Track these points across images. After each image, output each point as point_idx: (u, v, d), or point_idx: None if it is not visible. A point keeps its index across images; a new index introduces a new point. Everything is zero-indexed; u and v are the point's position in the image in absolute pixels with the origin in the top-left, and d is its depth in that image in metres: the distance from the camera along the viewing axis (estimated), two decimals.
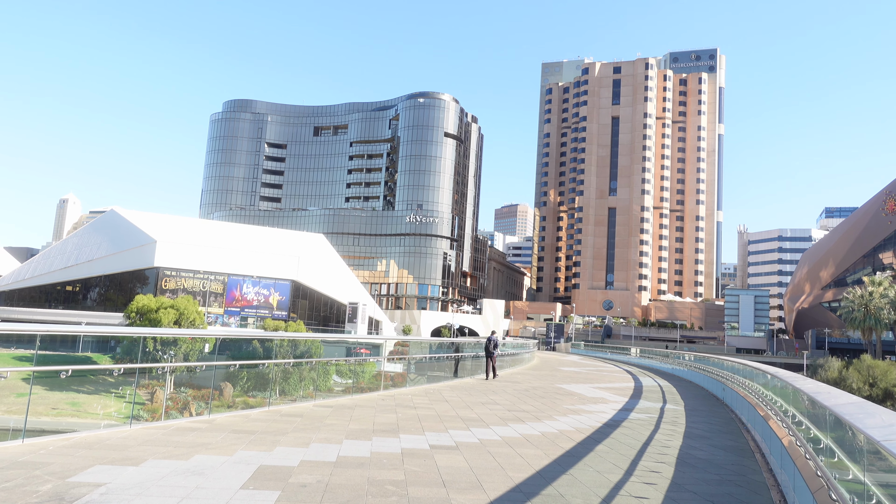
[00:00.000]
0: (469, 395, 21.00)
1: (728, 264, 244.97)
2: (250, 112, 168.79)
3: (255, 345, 17.27)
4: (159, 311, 36.46)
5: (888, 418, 5.79)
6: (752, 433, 15.99)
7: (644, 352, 64.27)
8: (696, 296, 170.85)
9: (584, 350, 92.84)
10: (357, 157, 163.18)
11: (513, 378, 30.70)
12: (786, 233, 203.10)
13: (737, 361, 24.02)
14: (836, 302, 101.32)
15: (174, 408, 18.58)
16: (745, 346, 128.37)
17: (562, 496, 8.51)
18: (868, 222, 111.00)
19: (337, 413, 14.77)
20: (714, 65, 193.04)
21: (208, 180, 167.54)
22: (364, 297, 76.87)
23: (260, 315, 67.59)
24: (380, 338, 46.79)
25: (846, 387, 54.23)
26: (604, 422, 16.69)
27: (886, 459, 4.41)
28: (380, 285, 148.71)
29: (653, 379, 37.42)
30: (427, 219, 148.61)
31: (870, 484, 5.25)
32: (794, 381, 11.06)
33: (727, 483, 10.14)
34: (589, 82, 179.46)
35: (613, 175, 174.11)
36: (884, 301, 74.29)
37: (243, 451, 9.86)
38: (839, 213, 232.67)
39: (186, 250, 64.62)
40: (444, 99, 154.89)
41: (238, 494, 7.54)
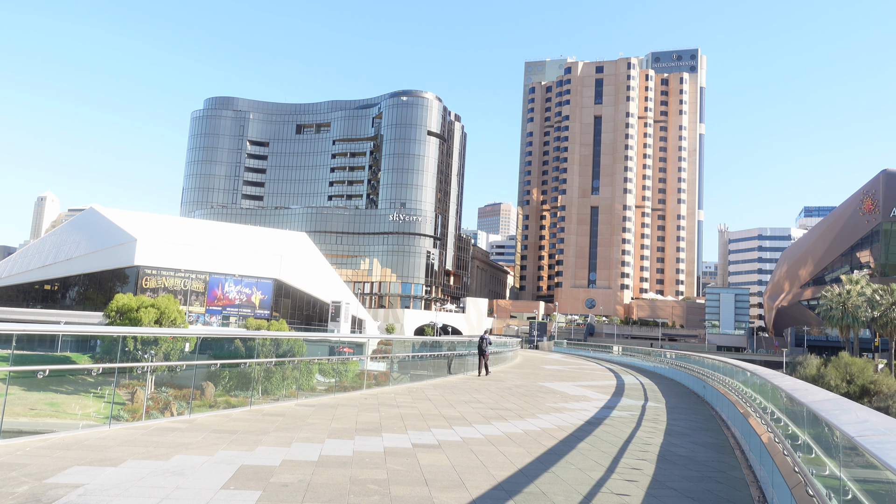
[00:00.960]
0: (452, 394, 21.01)
1: (709, 263, 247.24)
2: (232, 109, 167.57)
3: (237, 344, 17.16)
4: (140, 310, 36.08)
5: (863, 414, 5.88)
6: (733, 430, 16.15)
7: (626, 350, 64.68)
8: (678, 294, 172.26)
9: (566, 348, 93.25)
10: (340, 156, 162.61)
11: (496, 376, 30.77)
12: (765, 232, 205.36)
13: (717, 359, 24.25)
14: (815, 300, 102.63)
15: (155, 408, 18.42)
16: (726, 343, 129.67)
17: (544, 494, 8.54)
18: (846, 221, 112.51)
19: (319, 412, 14.72)
20: (695, 65, 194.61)
21: (189, 178, 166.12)
22: (347, 296, 76.63)
23: (242, 314, 67.16)
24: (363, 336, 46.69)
25: (824, 384, 54.95)
26: (586, 419, 16.78)
27: (861, 455, 4.48)
28: (363, 284, 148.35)
29: (635, 377, 37.68)
30: (410, 217, 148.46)
31: (846, 479, 5.33)
32: (773, 379, 11.19)
33: (707, 479, 10.24)
34: (572, 81, 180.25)
35: (596, 174, 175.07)
36: (861, 299, 75.29)
37: (224, 450, 9.80)
38: (818, 212, 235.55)
39: (167, 249, 64.03)
40: (427, 97, 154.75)
41: (218, 495, 7.49)
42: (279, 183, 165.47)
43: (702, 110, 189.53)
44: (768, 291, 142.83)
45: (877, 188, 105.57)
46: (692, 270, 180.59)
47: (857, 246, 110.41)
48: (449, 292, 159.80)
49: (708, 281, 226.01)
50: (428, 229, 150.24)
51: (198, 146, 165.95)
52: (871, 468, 4.41)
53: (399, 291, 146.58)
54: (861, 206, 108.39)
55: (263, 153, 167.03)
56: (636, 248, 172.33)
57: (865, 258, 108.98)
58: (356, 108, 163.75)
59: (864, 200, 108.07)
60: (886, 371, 66.38)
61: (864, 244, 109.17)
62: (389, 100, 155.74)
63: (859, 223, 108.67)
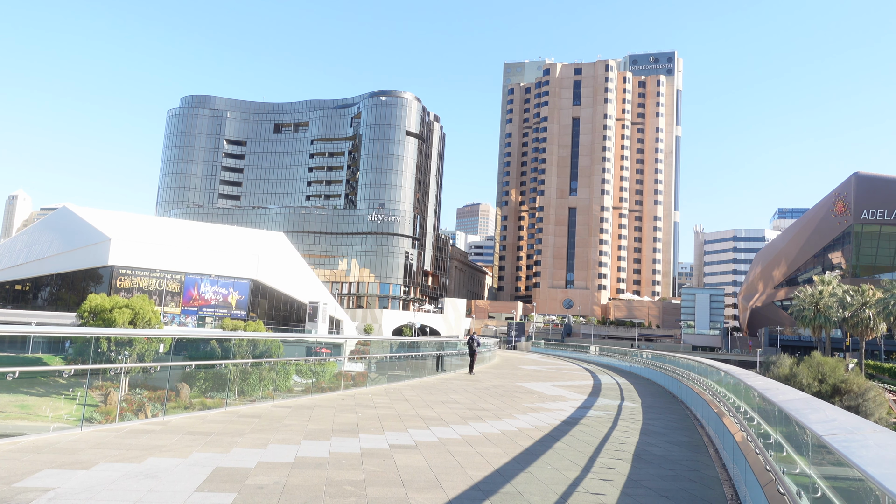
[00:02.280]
0: (430, 395, 21.01)
1: (685, 264, 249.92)
2: (209, 108, 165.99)
3: (212, 345, 16.99)
4: (113, 310, 35.61)
5: (831, 413, 5.98)
6: (707, 429, 16.33)
7: (603, 350, 65.11)
8: (654, 295, 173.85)
9: (544, 348, 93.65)
10: (318, 155, 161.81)
11: (473, 377, 30.82)
12: (740, 233, 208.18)
13: (692, 359, 24.50)
14: (788, 300, 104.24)
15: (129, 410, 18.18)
16: (701, 343, 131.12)
17: (520, 494, 8.57)
18: (818, 223, 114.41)
19: (296, 413, 14.64)
20: (672, 67, 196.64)
21: (165, 177, 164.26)
22: (325, 297, 76.24)
23: (218, 315, 66.53)
24: (340, 337, 46.49)
25: (796, 383, 55.71)
26: (563, 419, 16.86)
27: (829, 453, 4.55)
28: (341, 284, 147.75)
29: (611, 377, 37.94)
30: (389, 218, 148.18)
31: (815, 477, 5.41)
32: (746, 378, 11.34)
33: (681, 478, 10.35)
34: (550, 83, 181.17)
35: (574, 175, 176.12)
36: (832, 300, 76.55)
37: (199, 452, 9.70)
38: (791, 213, 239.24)
39: (142, 248, 63.22)
40: (406, 98, 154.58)
41: (192, 497, 7.42)
42: (257, 182, 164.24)
43: (678, 112, 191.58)
44: (743, 292, 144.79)
45: (848, 191, 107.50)
46: (668, 271, 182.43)
47: (829, 247, 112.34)
48: (427, 293, 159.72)
49: (684, 281, 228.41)
50: (406, 229, 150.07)
51: (174, 145, 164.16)
52: (839, 466, 4.49)
53: (377, 292, 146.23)
54: (833, 209, 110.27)
55: (241, 152, 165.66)
56: (613, 248, 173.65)
57: (837, 259, 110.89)
58: (335, 108, 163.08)
59: (836, 203, 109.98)
60: (857, 370, 67.59)
61: (835, 246, 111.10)
62: (368, 100, 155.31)
63: (831, 225, 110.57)
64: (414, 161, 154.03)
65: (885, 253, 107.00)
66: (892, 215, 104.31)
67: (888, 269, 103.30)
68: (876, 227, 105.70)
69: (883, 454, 4.05)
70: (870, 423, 5.31)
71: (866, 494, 3.82)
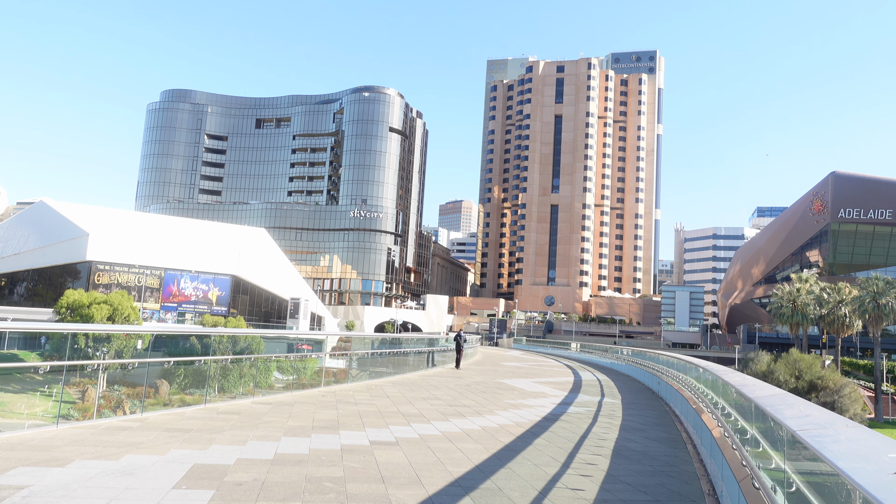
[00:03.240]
0: (411, 391, 21.01)
1: (665, 261, 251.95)
2: (189, 102, 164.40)
3: (192, 341, 16.87)
4: (91, 306, 35.21)
5: (805, 409, 6.07)
6: (685, 425, 16.49)
7: (584, 347, 65.52)
8: (635, 292, 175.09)
9: (526, 345, 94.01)
10: (300, 151, 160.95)
11: (455, 373, 30.87)
12: (720, 231, 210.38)
13: (672, 356, 24.72)
14: (767, 298, 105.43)
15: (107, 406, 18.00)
16: (681, 340, 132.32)
17: (500, 489, 8.60)
18: (797, 222, 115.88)
19: (276, 410, 14.57)
20: (654, 66, 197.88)
21: (145, 172, 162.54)
22: (306, 293, 75.90)
23: (199, 311, 66.01)
24: (322, 334, 46.34)
25: (774, 380, 56.39)
26: (543, 416, 16.95)
27: (803, 448, 4.62)
28: (323, 281, 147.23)
29: (592, 373, 38.19)
30: (371, 214, 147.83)
31: (790, 472, 5.49)
32: (724, 375, 11.46)
33: (660, 474, 10.44)
34: (533, 80, 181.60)
35: (556, 173, 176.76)
36: (810, 297, 77.50)
37: (177, 449, 9.63)
38: (770, 212, 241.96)
39: (121, 244, 62.52)
40: (389, 94, 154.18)
41: (170, 494, 7.36)
42: (238, 178, 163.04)
43: (659, 111, 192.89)
44: (722, 289, 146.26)
45: (826, 190, 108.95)
46: (649, 269, 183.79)
47: (806, 245, 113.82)
48: (409, 289, 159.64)
49: (664, 279, 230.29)
50: (389, 226, 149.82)
51: (154, 139, 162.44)
52: (813, 461, 4.55)
53: (359, 288, 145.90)
54: (811, 207, 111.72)
55: (222, 147, 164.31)
56: (595, 246, 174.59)
57: (815, 257, 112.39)
58: (317, 104, 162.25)
59: (813, 201, 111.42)
60: (833, 367, 68.55)
61: (813, 244, 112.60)
62: (351, 95, 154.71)
63: (809, 224, 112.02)
64: (397, 157, 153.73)
65: (861, 251, 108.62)
66: (868, 214, 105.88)
67: (864, 268, 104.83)
68: (852, 226, 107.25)
69: (854, 449, 4.12)
70: (842, 418, 5.39)
71: (838, 488, 3.88)
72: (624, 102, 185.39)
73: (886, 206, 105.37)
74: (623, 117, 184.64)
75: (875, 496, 2.93)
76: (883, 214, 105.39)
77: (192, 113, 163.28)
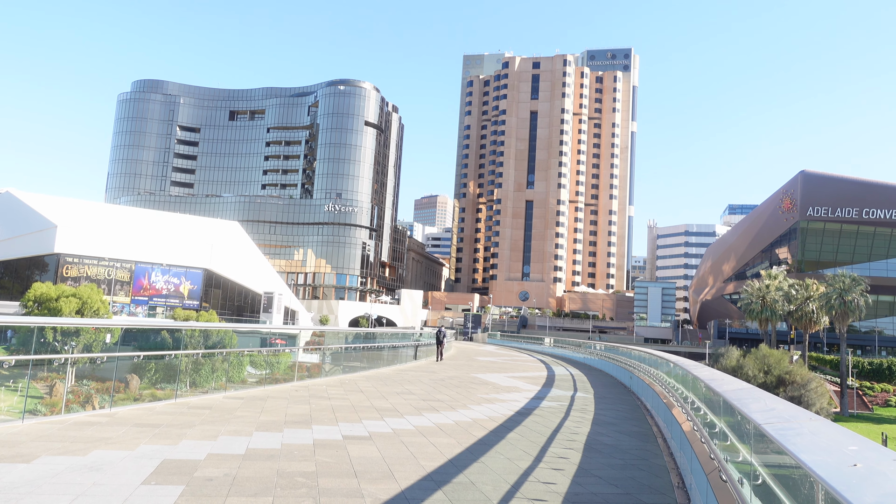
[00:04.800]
0: (385, 385, 20.99)
1: (638, 257, 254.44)
2: (161, 93, 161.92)
3: (163, 335, 16.68)
4: (60, 299, 34.64)
5: (771, 403, 6.18)
6: (656, 419, 16.70)
7: (558, 342, 65.94)
8: (608, 287, 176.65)
9: (500, 340, 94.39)
10: (274, 144, 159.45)
11: (429, 368, 30.90)
12: (692, 228, 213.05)
13: (643, 351, 24.99)
14: (737, 294, 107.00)
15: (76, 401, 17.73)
16: (653, 335, 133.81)
17: (473, 484, 8.64)
18: (766, 219, 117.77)
19: (248, 404, 14.47)
20: (629, 64, 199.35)
21: (115, 163, 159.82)
22: (280, 287, 75.40)
23: (170, 304, 65.23)
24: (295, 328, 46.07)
25: (743, 374, 57.36)
26: (516, 410, 17.04)
27: (769, 441, 4.71)
28: (297, 275, 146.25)
29: (565, 368, 38.47)
30: (346, 208, 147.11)
31: (756, 465, 5.59)
32: (694, 370, 11.62)
33: (631, 467, 10.57)
34: (509, 76, 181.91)
35: (531, 168, 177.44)
36: (779, 294, 78.82)
37: (146, 445, 9.52)
38: (741, 210, 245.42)
39: (90, 236, 61.51)
40: (364, 87, 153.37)
41: (139, 490, 7.27)
42: (210, 170, 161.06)
43: (634, 109, 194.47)
44: (693, 285, 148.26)
45: (795, 188, 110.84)
46: (622, 264, 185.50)
47: (776, 243, 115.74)
48: (384, 284, 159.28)
49: (637, 275, 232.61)
50: (364, 220, 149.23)
51: (124, 130, 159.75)
52: (778, 453, 4.64)
53: (334, 282, 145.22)
54: (781, 205, 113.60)
55: (194, 139, 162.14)
56: (569, 242, 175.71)
57: (784, 255, 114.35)
58: (292, 96, 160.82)
59: (783, 199, 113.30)
60: (800, 362, 69.91)
61: (782, 241, 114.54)
62: (326, 88, 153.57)
63: (779, 221, 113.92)
64: (372, 151, 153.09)
65: (828, 249, 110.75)
66: (836, 213, 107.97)
67: (831, 265, 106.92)
68: (821, 224, 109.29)
69: (816, 441, 4.21)
70: (806, 412, 5.51)
71: (802, 480, 3.97)
72: (599, 100, 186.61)
73: (853, 205, 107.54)
74: (598, 114, 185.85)
75: (834, 487, 3.00)
76: (850, 213, 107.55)
77: (164, 104, 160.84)
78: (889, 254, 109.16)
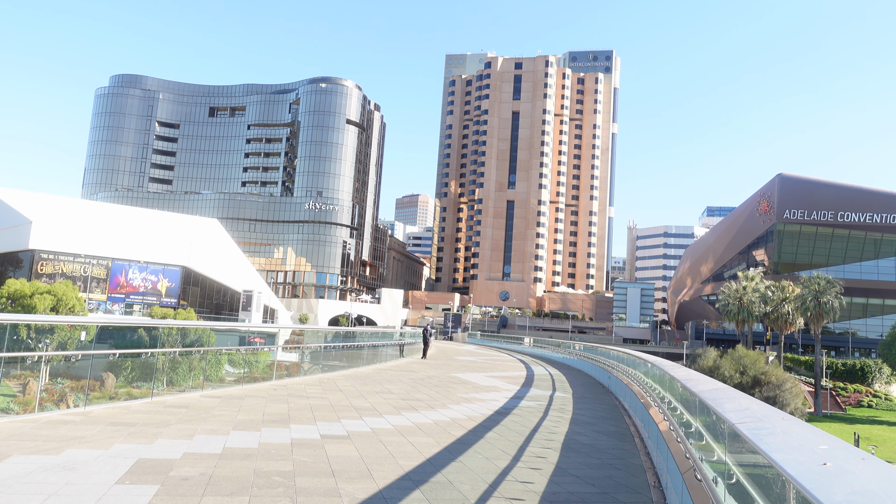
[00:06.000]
0: (364, 385, 20.94)
1: (618, 258, 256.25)
2: (140, 88, 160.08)
3: (140, 333, 16.49)
4: (34, 296, 34.09)
5: (745, 403, 6.26)
6: (634, 419, 16.82)
7: (537, 341, 66.18)
8: (588, 288, 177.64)
9: (480, 340, 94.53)
10: (255, 141, 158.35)
11: (409, 367, 30.87)
12: (671, 229, 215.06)
13: (622, 351, 25.16)
14: (714, 295, 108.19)
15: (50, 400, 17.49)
16: (632, 336, 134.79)
17: (450, 483, 8.65)
18: (744, 222, 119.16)
19: (226, 403, 14.36)
20: (610, 66, 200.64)
21: (92, 158, 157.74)
22: (259, 285, 74.88)
23: (147, 302, 64.49)
24: (274, 326, 45.81)
25: (719, 375, 57.96)
26: (495, 409, 17.08)
27: (743, 441, 4.76)
28: (276, 273, 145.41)
29: (544, 368, 38.61)
30: (327, 206, 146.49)
31: (730, 464, 5.66)
32: (671, 370, 11.73)
33: (608, 467, 10.64)
34: (491, 76, 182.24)
35: (513, 169, 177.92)
36: (755, 295, 79.76)
37: (121, 444, 9.41)
38: (719, 212, 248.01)
39: (66, 232, 60.62)
40: (346, 85, 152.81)
41: (112, 490, 7.19)
42: (190, 167, 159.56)
43: (615, 110, 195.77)
44: (672, 286, 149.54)
45: (772, 191, 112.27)
46: (602, 265, 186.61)
47: (753, 245, 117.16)
48: (365, 283, 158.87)
49: (617, 275, 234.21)
50: (345, 219, 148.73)
51: (102, 125, 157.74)
52: (751, 453, 4.70)
53: (314, 281, 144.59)
54: (758, 208, 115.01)
55: (173, 135, 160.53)
56: (549, 242, 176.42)
57: (760, 256, 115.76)
58: (273, 93, 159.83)
59: (760, 202, 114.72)
60: (776, 363, 70.79)
61: (759, 243, 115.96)
62: (308, 86, 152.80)
63: (756, 223, 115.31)
64: (353, 150, 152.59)
65: (804, 251, 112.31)
66: (812, 215, 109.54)
67: (807, 267, 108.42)
68: (797, 227, 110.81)
69: (788, 441, 4.28)
70: (779, 412, 5.58)
71: (774, 479, 4.02)
72: (580, 101, 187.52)
73: (828, 208, 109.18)
74: (579, 115, 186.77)
75: (805, 486, 3.04)
76: (825, 216, 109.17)
77: (143, 99, 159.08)
78: (863, 256, 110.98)
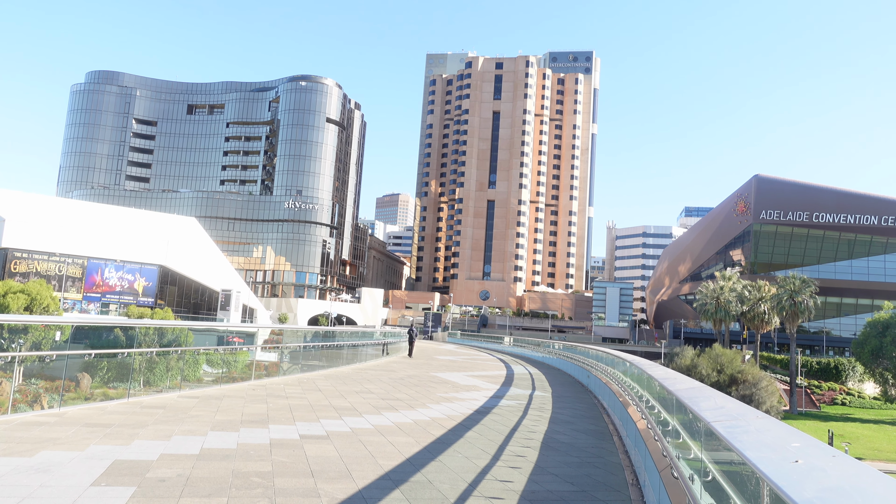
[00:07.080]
0: (344, 384, 20.88)
1: (597, 258, 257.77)
2: (117, 85, 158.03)
3: (116, 333, 16.29)
4: (7, 295, 33.50)
5: (720, 401, 6.35)
6: (612, 417, 16.96)
7: (517, 341, 66.40)
8: (568, 287, 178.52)
9: (460, 339, 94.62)
10: (234, 139, 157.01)
11: (388, 367, 30.82)
12: (650, 229, 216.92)
13: (601, 350, 25.33)
14: (692, 295, 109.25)
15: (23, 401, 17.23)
16: (611, 335, 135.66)
17: (430, 482, 8.66)
18: (721, 222, 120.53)
19: (204, 404, 14.25)
20: (590, 66, 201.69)
21: (68, 156, 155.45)
22: (238, 285, 74.32)
23: (124, 302, 63.71)
24: (253, 326, 45.48)
25: (697, 374, 58.52)
26: (475, 409, 17.12)
27: (718, 439, 4.83)
28: (255, 272, 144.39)
29: (524, 367, 38.76)
30: (306, 205, 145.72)
31: (706, 461, 5.73)
32: (649, 369, 11.84)
33: (586, 465, 10.72)
34: (472, 76, 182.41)
35: (493, 168, 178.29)
36: (732, 295, 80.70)
37: (97, 445, 9.30)
38: (697, 212, 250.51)
39: (40, 230, 59.71)
40: (326, 84, 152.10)
41: (88, 492, 7.10)
42: (167, 165, 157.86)
43: (595, 111, 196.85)
44: (650, 286, 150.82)
45: (749, 192, 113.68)
46: (582, 265, 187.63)
47: (730, 245, 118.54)
48: (345, 282, 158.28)
49: (596, 275, 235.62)
50: (324, 218, 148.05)
51: (78, 122, 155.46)
52: (727, 450, 4.76)
53: (293, 280, 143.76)
54: (735, 208, 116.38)
55: (151, 133, 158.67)
56: (529, 241, 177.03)
57: (738, 256, 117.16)
58: (252, 91, 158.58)
59: (738, 203, 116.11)
60: (752, 361, 71.65)
61: (736, 243, 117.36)
62: (287, 84, 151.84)
63: (733, 224, 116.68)
64: (334, 148, 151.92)
65: (780, 251, 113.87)
66: (788, 216, 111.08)
67: (783, 267, 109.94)
68: (773, 227, 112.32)
69: (762, 439, 4.34)
70: (754, 410, 5.67)
71: (748, 476, 4.09)
72: (560, 101, 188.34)
73: (804, 209, 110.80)
74: (559, 116, 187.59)
75: (776, 483, 3.10)
76: (801, 217, 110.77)
77: (120, 96, 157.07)
78: (837, 257, 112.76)
